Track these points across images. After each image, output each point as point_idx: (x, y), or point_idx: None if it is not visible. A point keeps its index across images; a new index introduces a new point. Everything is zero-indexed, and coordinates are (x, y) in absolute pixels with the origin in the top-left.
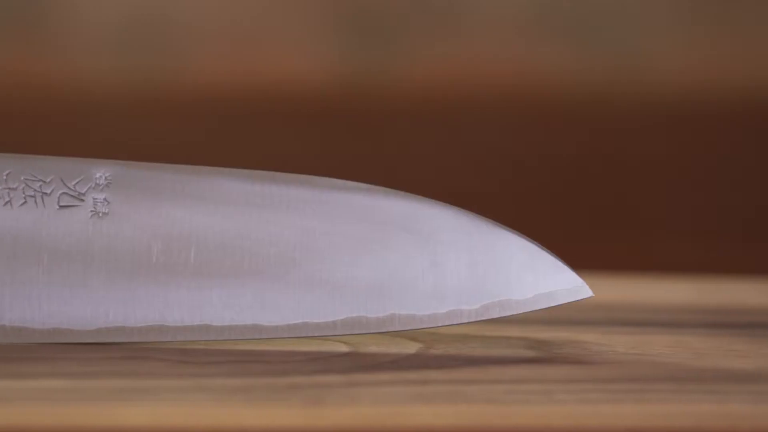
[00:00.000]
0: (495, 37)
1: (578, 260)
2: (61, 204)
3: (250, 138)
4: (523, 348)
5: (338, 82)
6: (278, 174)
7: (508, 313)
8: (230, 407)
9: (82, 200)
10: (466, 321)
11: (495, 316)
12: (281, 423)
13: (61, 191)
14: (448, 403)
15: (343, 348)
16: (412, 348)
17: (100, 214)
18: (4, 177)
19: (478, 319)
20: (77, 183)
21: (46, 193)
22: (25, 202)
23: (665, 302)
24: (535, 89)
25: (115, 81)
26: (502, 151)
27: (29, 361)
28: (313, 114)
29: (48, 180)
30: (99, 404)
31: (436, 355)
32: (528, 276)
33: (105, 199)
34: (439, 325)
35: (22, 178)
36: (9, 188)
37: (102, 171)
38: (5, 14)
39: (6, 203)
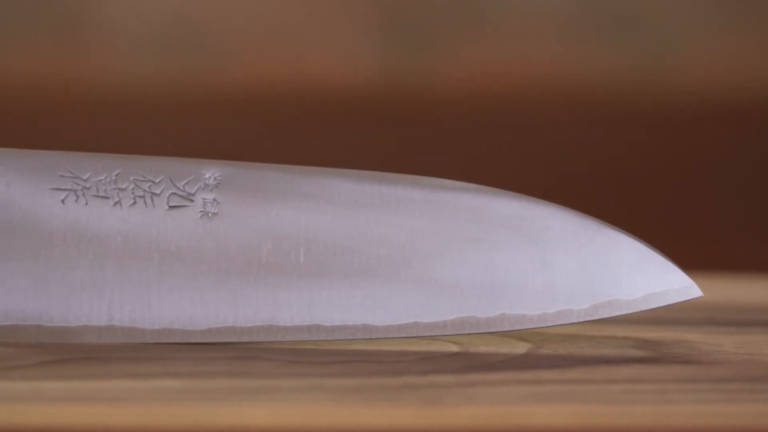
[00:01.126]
0: (535, 37)
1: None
2: (171, 204)
3: (290, 138)
4: (632, 348)
5: (380, 82)
6: (387, 174)
7: (617, 313)
8: (348, 407)
9: (192, 200)
10: (575, 321)
11: (604, 316)
12: (400, 423)
13: (170, 191)
14: (565, 403)
15: (453, 348)
16: (521, 348)
17: (210, 215)
18: (114, 177)
19: (587, 319)
20: (187, 183)
21: (155, 194)
22: (135, 202)
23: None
24: (575, 89)
25: (158, 82)
26: (543, 151)
27: (141, 361)
28: (354, 114)
29: (157, 180)
30: (215, 404)
31: (546, 355)
32: (638, 276)
33: (214, 200)
34: (549, 324)
35: (131, 179)
36: (118, 188)
37: (211, 171)
38: (48, 16)
39: (116, 203)
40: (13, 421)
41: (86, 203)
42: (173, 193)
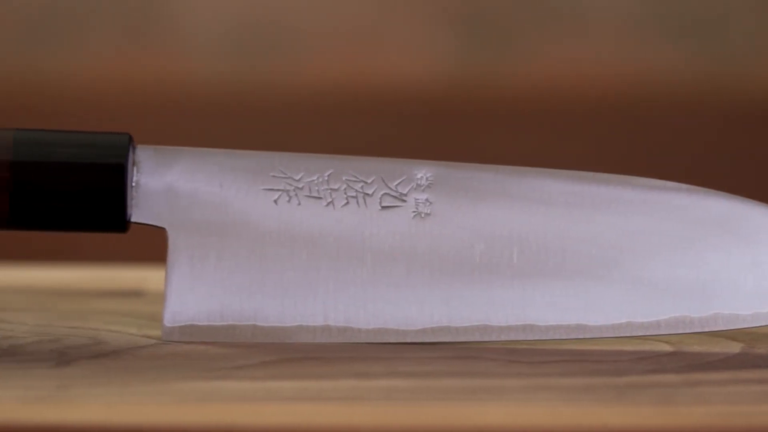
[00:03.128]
0: (609, 37)
1: None
2: (384, 205)
3: (364, 138)
4: None
5: (452, 82)
6: (597, 174)
7: None
8: (581, 407)
9: (404, 201)
10: None
11: None
12: (637, 422)
13: (383, 192)
14: None
15: (667, 347)
16: (735, 347)
17: (423, 215)
18: (326, 177)
19: None
20: (399, 183)
21: (368, 194)
22: (347, 203)
23: None
24: (649, 90)
25: (231, 82)
26: (618, 152)
27: (362, 360)
28: (429, 114)
29: (370, 181)
30: (445, 404)
31: (762, 355)
32: None
33: (427, 200)
34: (762, 324)
35: (343, 179)
36: (331, 189)
37: (423, 171)
38: (122, 16)
39: (328, 204)
40: (248, 420)
41: (299, 203)
42: (386, 194)
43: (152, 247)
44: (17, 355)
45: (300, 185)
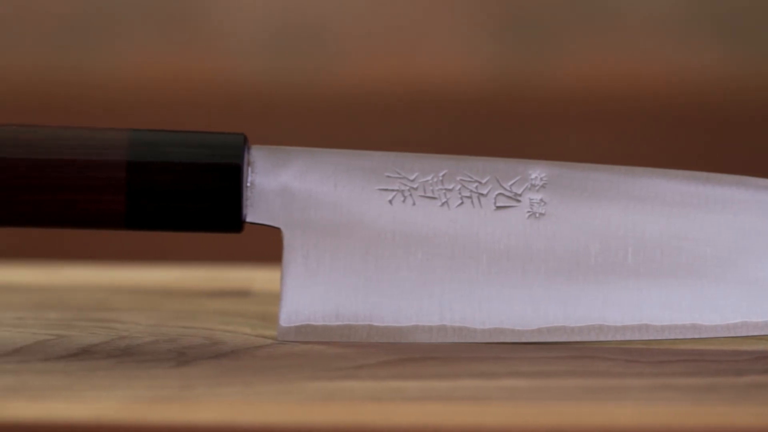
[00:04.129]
0: (649, 37)
1: None
2: (498, 205)
3: (405, 139)
4: None
5: (492, 83)
6: (711, 174)
7: None
8: (706, 406)
9: (519, 201)
10: None
11: None
12: (766, 423)
13: (497, 192)
14: None
15: None
16: None
17: (537, 215)
18: (440, 177)
19: None
20: (513, 183)
21: (482, 194)
22: (462, 203)
23: None
24: (691, 90)
25: (271, 82)
26: (660, 151)
27: (482, 360)
28: (470, 114)
29: (484, 181)
30: (571, 404)
31: None
32: None
33: (541, 200)
34: None
35: (458, 179)
36: (445, 189)
37: (537, 171)
38: (163, 16)
39: (443, 204)
40: (375, 420)
41: (414, 204)
42: (500, 194)
43: (258, 246)
44: (136, 355)
45: (415, 185)
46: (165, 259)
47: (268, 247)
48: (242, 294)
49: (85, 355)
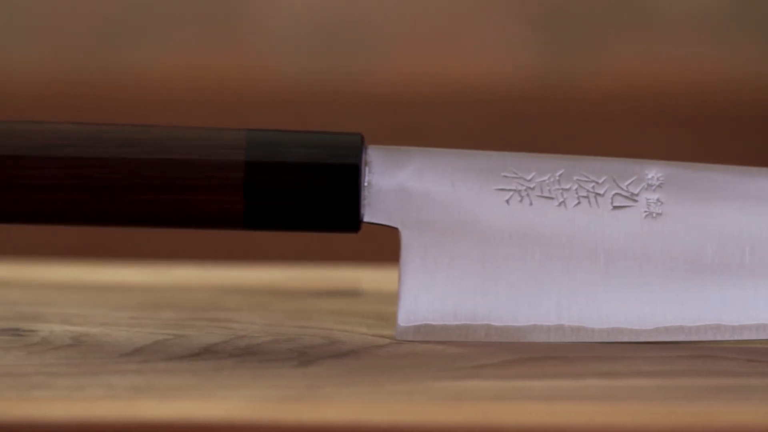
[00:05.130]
0: (689, 35)
1: None
2: (615, 204)
3: (445, 137)
4: None
5: (532, 82)
6: None
7: None
8: None
9: (636, 201)
10: None
11: None
12: None
13: (614, 192)
14: None
15: None
16: None
17: (654, 215)
18: (557, 177)
19: None
20: (630, 183)
21: (599, 194)
22: (579, 202)
23: None
24: (733, 88)
25: (309, 81)
26: (699, 150)
27: (603, 360)
28: (507, 113)
29: (600, 181)
30: (697, 403)
31: None
32: None
33: (658, 200)
34: None
35: (574, 179)
36: (562, 189)
37: (654, 171)
38: (202, 15)
39: (560, 204)
40: (504, 419)
41: (530, 203)
42: (617, 194)
43: (365, 246)
44: (258, 355)
45: (531, 185)
46: (268, 258)
47: (372, 247)
48: (352, 294)
49: (207, 354)
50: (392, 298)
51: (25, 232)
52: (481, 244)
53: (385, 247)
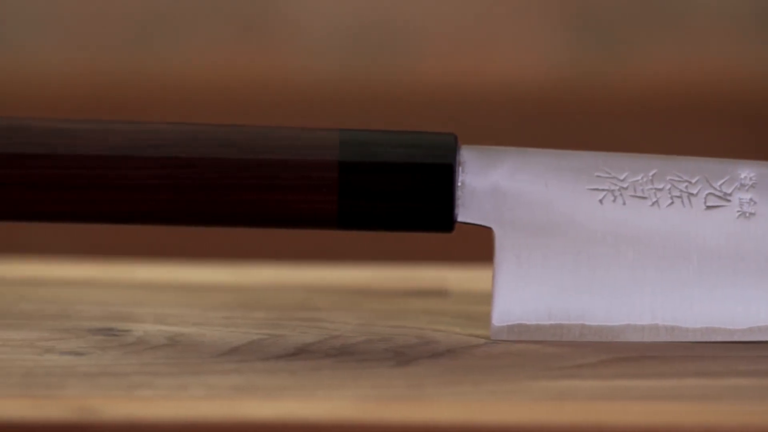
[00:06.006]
0: (720, 36)
1: None
2: (708, 204)
3: (481, 136)
4: None
5: (564, 81)
6: None
7: None
8: None
9: (729, 200)
10: None
11: None
12: None
13: (707, 191)
14: None
15: None
16: None
17: (747, 215)
18: (650, 177)
19: None
20: (723, 183)
21: (692, 194)
22: (672, 202)
23: None
24: (758, 88)
25: (343, 80)
26: (728, 152)
27: (700, 359)
28: (539, 113)
29: (694, 180)
30: None
31: None
32: None
33: (751, 200)
34: None
35: (667, 179)
36: (655, 188)
37: (747, 171)
38: (235, 14)
39: (653, 203)
40: (609, 419)
41: (624, 203)
42: (710, 193)
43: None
44: (354, 354)
45: (625, 185)
46: (355, 258)
47: (455, 246)
48: (440, 293)
49: (304, 354)
50: (479, 298)
51: (114, 231)
52: (575, 244)
53: (471, 247)
